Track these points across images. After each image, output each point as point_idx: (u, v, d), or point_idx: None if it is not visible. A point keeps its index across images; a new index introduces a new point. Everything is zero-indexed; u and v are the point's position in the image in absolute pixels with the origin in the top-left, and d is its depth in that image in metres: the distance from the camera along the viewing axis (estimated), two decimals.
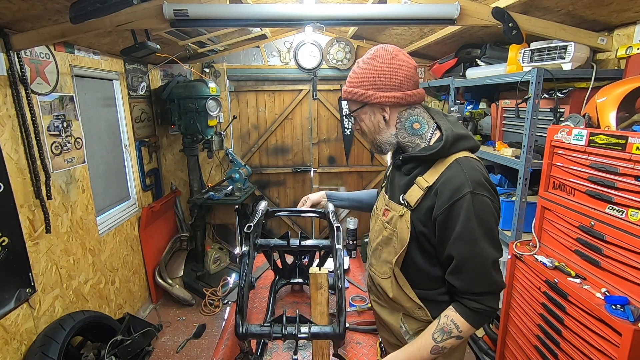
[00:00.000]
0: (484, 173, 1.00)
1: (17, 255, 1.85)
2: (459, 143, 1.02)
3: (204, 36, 3.04)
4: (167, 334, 2.94)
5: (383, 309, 1.22)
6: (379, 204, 1.23)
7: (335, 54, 3.75)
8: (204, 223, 3.60)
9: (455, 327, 0.98)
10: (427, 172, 1.03)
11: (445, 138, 1.00)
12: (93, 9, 1.49)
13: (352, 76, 1.09)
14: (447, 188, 0.96)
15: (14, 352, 1.81)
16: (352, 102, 1.11)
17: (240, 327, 1.16)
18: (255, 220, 1.41)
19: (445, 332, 0.99)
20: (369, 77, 1.05)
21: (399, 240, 1.06)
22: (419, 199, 1.01)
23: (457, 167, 0.98)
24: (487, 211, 0.96)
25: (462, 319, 0.98)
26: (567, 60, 1.80)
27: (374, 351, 1.56)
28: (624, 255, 1.30)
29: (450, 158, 1.00)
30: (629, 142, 1.27)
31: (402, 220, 1.05)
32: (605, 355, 1.28)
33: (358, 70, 1.08)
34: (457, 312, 0.99)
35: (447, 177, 0.97)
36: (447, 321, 1.00)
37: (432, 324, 1.04)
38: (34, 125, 1.96)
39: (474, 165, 0.99)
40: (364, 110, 1.10)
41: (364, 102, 1.07)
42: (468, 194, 0.93)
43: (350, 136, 4.09)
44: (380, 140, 1.11)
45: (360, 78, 1.07)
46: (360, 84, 1.07)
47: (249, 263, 1.31)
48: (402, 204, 1.06)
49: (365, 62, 1.07)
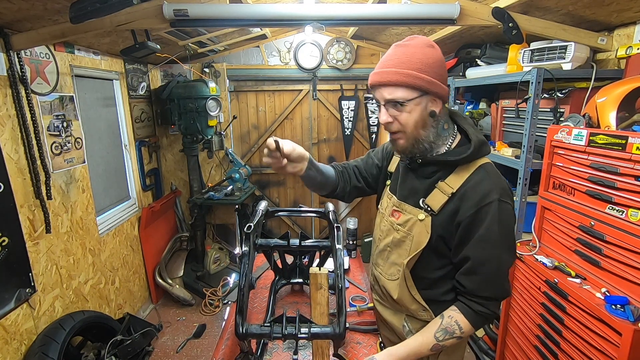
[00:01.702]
0: (505, 179, 1.02)
1: (17, 255, 1.85)
2: (482, 148, 1.01)
3: (204, 36, 3.04)
4: (167, 334, 2.94)
5: (386, 309, 1.22)
6: (383, 203, 1.21)
7: (335, 54, 3.75)
8: (204, 223, 3.60)
9: (458, 328, 0.99)
10: (449, 177, 1.01)
11: (474, 144, 0.98)
12: (93, 9, 1.49)
13: (409, 59, 0.93)
14: (475, 193, 0.96)
15: (14, 352, 1.81)
16: (405, 88, 0.94)
17: (240, 327, 1.16)
18: (255, 220, 1.41)
19: (448, 332, 1.00)
20: (433, 65, 0.94)
21: (414, 244, 1.05)
22: (442, 204, 1.00)
23: (483, 173, 0.98)
24: (510, 220, 0.98)
25: (465, 321, 0.99)
26: (567, 60, 1.80)
27: (374, 351, 1.56)
28: (624, 255, 1.30)
29: (475, 164, 1.00)
30: (629, 142, 1.27)
31: (422, 225, 1.03)
32: (605, 355, 1.28)
33: (417, 54, 0.94)
34: (462, 313, 1.00)
35: (475, 182, 0.97)
36: (451, 322, 1.00)
37: (434, 321, 1.04)
38: (34, 125, 1.96)
39: (497, 172, 1.00)
40: (419, 100, 0.95)
41: (427, 90, 0.94)
42: (495, 201, 0.94)
43: (350, 136, 4.09)
44: (423, 136, 1.00)
45: (422, 63, 0.93)
46: (423, 69, 0.93)
47: (249, 263, 1.31)
48: (421, 208, 1.04)
49: (424, 49, 0.95)
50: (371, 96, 3.95)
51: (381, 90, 0.98)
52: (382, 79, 0.96)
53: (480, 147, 1.00)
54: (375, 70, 1.00)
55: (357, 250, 3.91)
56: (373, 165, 1.31)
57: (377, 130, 4.09)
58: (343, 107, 3.98)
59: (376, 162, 1.30)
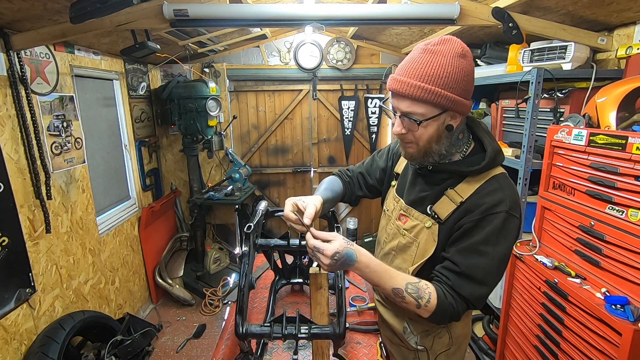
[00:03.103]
0: (517, 192, 0.99)
1: (17, 255, 1.84)
2: (497, 158, 0.97)
3: (204, 36, 3.03)
4: (167, 334, 2.94)
5: (387, 310, 1.22)
6: (389, 205, 1.19)
7: (335, 54, 3.75)
8: (204, 223, 3.60)
9: (426, 299, 0.92)
10: (459, 185, 0.98)
11: (489, 156, 0.95)
12: (93, 9, 1.49)
13: (436, 72, 0.85)
14: (484, 201, 0.93)
15: (14, 352, 1.81)
16: (427, 105, 0.87)
17: (240, 327, 1.16)
18: (255, 220, 1.40)
19: (418, 293, 0.93)
20: (461, 81, 0.87)
21: (420, 251, 1.03)
22: (450, 212, 0.98)
23: (496, 184, 0.95)
24: (513, 234, 0.94)
25: (435, 302, 0.92)
26: (567, 60, 1.80)
27: (374, 351, 1.55)
28: (624, 255, 1.30)
29: (488, 174, 0.97)
30: (629, 142, 1.27)
31: (429, 233, 1.01)
32: (605, 355, 1.28)
33: (446, 67, 0.85)
34: (437, 294, 0.93)
35: (486, 192, 0.94)
36: (425, 290, 0.93)
37: (412, 277, 0.97)
38: (34, 125, 1.96)
39: (511, 184, 0.97)
40: (439, 117, 0.90)
41: (449, 108, 0.89)
42: (504, 212, 0.91)
43: (350, 136, 4.09)
44: (436, 149, 0.95)
45: (451, 78, 0.85)
46: (450, 85, 0.86)
47: (249, 263, 1.31)
48: (429, 215, 1.02)
49: (455, 59, 0.86)
50: (372, 96, 3.96)
51: (399, 100, 0.91)
52: (403, 90, 0.88)
53: (495, 158, 0.96)
54: (397, 75, 0.91)
55: None
56: (377, 168, 1.30)
57: (377, 130, 4.09)
58: (343, 107, 3.98)
59: (381, 166, 1.29)
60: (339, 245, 0.91)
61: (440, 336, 1.13)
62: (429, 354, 1.14)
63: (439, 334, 1.13)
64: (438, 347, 1.13)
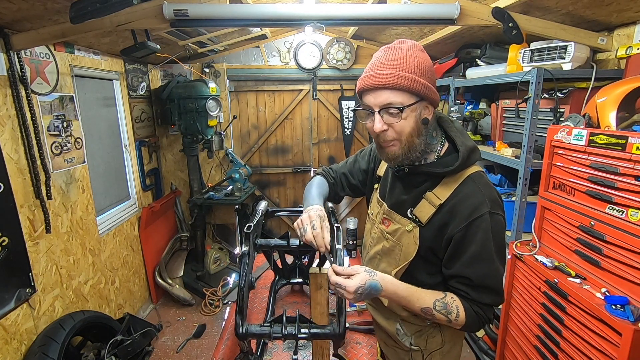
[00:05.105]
0: (495, 188, 1.00)
1: (17, 255, 1.84)
2: (471, 156, 0.97)
3: (204, 36, 3.04)
4: (167, 334, 2.94)
5: (378, 313, 1.22)
6: (373, 209, 1.20)
7: (335, 54, 3.75)
8: (204, 223, 3.60)
9: (455, 314, 0.97)
10: (437, 187, 0.99)
11: (462, 155, 0.95)
12: (93, 9, 1.49)
13: (406, 62, 0.89)
14: (464, 207, 0.94)
15: (14, 352, 1.81)
16: (405, 92, 0.89)
17: (240, 327, 1.16)
18: (255, 220, 1.40)
19: (447, 309, 0.97)
20: (427, 70, 0.90)
21: (403, 254, 1.04)
22: (430, 216, 0.98)
23: (472, 185, 0.95)
24: (502, 231, 0.97)
25: (464, 314, 0.97)
26: (567, 60, 1.80)
27: (374, 351, 1.55)
28: (624, 255, 1.30)
29: (463, 174, 0.97)
30: (629, 142, 1.27)
31: (410, 236, 1.02)
32: (605, 355, 1.28)
33: (413, 58, 0.89)
34: (463, 306, 0.98)
35: (464, 195, 0.95)
36: (453, 304, 0.98)
37: (438, 292, 1.00)
38: (34, 125, 1.96)
39: (487, 182, 0.98)
40: (416, 106, 0.91)
41: (424, 96, 0.91)
42: (486, 214, 0.92)
43: (350, 136, 4.09)
44: (417, 143, 0.95)
45: (419, 67, 0.89)
46: (420, 73, 0.89)
47: (249, 263, 1.31)
48: (410, 218, 1.03)
49: (417, 52, 0.91)
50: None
51: (376, 94, 0.91)
52: (379, 82, 0.89)
53: (469, 156, 0.96)
54: (367, 73, 0.93)
55: (357, 250, 3.90)
56: (360, 170, 1.31)
57: None
58: (343, 107, 3.98)
59: (363, 167, 1.30)
60: (360, 280, 0.93)
61: (433, 335, 1.13)
62: (423, 353, 1.14)
63: (432, 333, 1.13)
64: (432, 345, 1.14)
